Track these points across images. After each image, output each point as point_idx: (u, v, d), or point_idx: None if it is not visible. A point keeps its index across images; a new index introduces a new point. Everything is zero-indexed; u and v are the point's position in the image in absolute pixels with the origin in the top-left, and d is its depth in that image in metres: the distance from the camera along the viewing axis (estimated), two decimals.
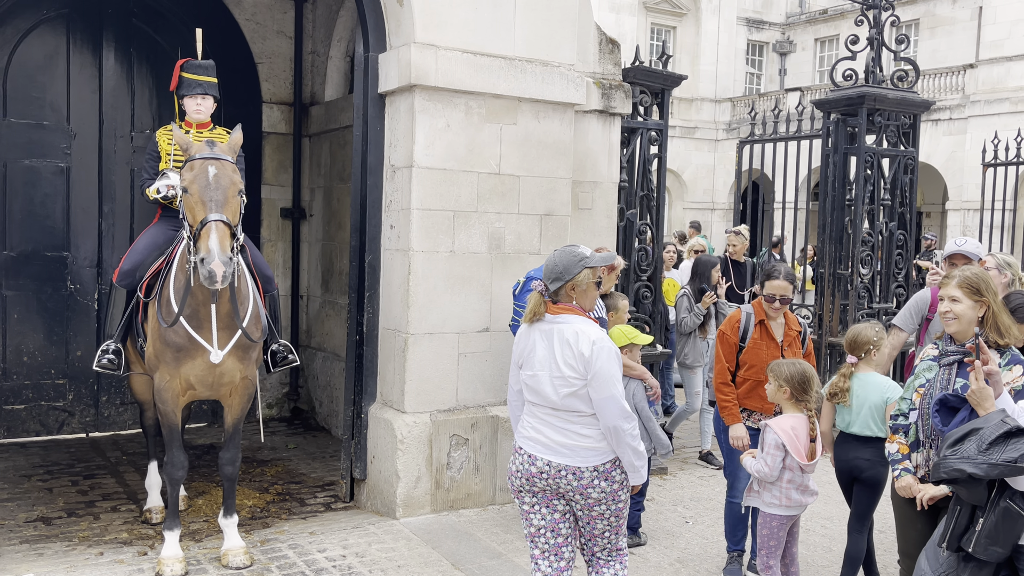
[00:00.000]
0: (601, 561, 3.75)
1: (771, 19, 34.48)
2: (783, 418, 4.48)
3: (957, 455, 3.10)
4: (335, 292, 8.18)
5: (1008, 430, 3.05)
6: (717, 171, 32.54)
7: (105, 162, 7.71)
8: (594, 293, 3.69)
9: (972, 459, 3.05)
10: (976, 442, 3.09)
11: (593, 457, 3.55)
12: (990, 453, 3.03)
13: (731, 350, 5.02)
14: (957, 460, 3.08)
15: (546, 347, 3.58)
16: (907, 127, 8.29)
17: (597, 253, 3.73)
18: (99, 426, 7.84)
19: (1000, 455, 3.01)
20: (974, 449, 3.07)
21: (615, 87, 6.67)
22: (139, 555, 5.08)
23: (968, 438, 3.15)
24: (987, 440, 3.06)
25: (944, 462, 3.13)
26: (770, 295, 4.95)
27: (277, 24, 8.43)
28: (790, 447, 4.35)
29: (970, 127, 24.11)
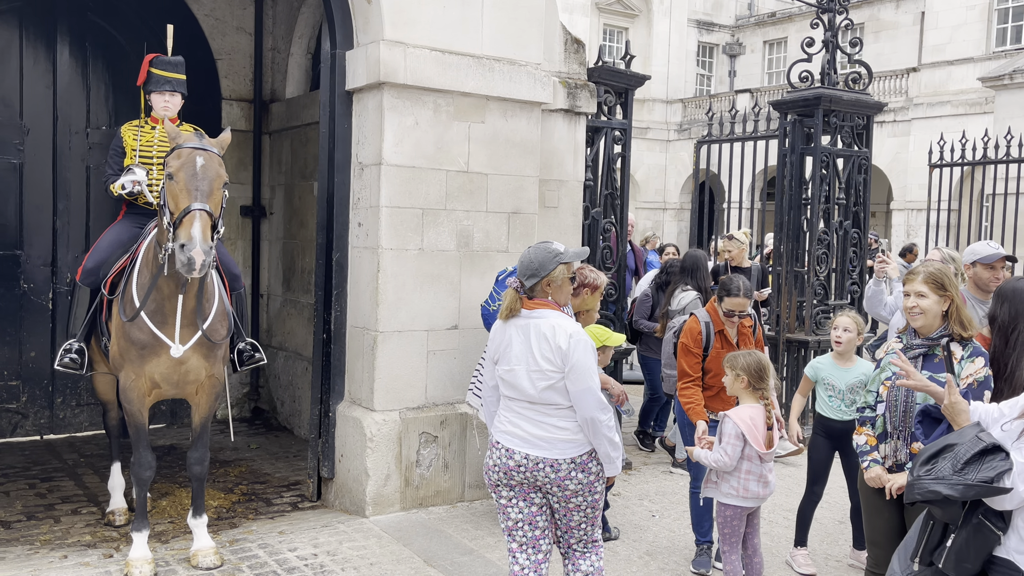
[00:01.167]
0: (577, 553, 3.80)
1: (721, 21, 35.00)
2: (741, 408, 4.58)
3: (932, 475, 2.99)
4: (297, 291, 8.12)
5: (983, 448, 2.95)
6: (669, 171, 32.93)
7: (60, 159, 7.55)
8: (569, 288, 3.75)
9: (947, 480, 2.94)
10: (951, 461, 2.98)
11: (570, 449, 3.60)
12: (965, 473, 2.92)
13: (695, 361, 5.07)
14: (932, 481, 2.97)
15: (522, 342, 3.63)
16: (861, 128, 8.50)
17: (571, 249, 3.78)
18: (54, 428, 7.67)
19: (976, 474, 2.90)
20: (949, 469, 2.96)
21: (580, 86, 6.73)
22: (105, 558, 5.00)
23: (942, 455, 3.04)
24: (962, 459, 2.95)
25: (919, 483, 3.02)
26: (729, 311, 5.03)
27: (237, 20, 8.33)
28: (749, 436, 4.45)
29: (913, 129, 24.77)
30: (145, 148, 5.24)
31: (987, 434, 3.01)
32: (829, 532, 5.87)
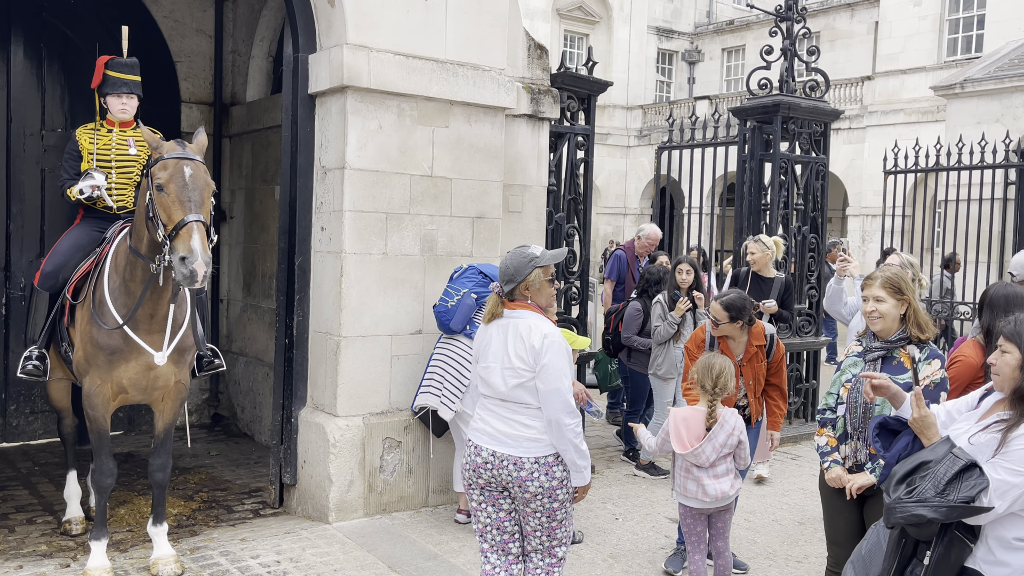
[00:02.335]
0: (532, 562, 3.80)
1: (680, 29, 35.37)
2: (682, 408, 4.71)
3: (913, 498, 2.92)
4: (258, 295, 8.04)
5: (962, 467, 2.90)
6: (629, 177, 33.16)
7: (13, 161, 7.40)
8: (549, 290, 3.80)
9: (930, 502, 2.87)
10: (932, 482, 2.91)
11: (535, 448, 3.62)
12: (947, 494, 2.86)
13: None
14: (915, 504, 2.90)
15: (500, 340, 3.70)
16: (818, 135, 8.65)
17: (548, 251, 3.83)
18: (7, 436, 7.50)
19: (957, 495, 2.85)
20: (931, 490, 2.89)
21: (544, 92, 6.76)
22: (62, 567, 4.90)
23: (919, 474, 2.98)
24: (943, 479, 2.89)
25: (901, 506, 2.94)
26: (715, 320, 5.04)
27: (196, 22, 8.24)
28: (672, 435, 4.56)
29: (868, 136, 25.23)
30: (103, 151, 5.16)
31: (959, 450, 2.98)
32: (789, 533, 5.95)
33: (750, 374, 5.10)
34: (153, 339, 4.64)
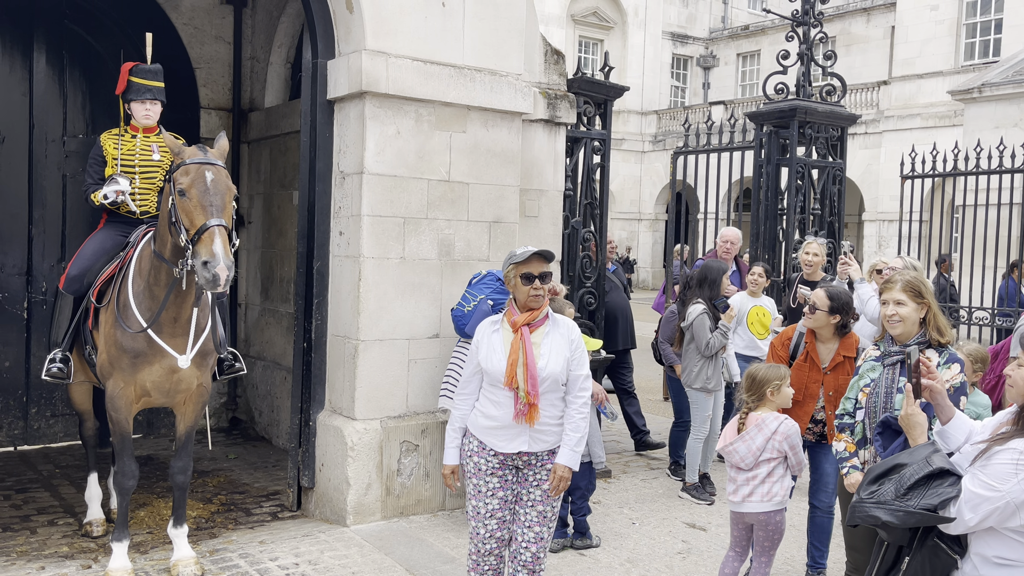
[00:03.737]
0: None
1: (695, 34, 35.37)
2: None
3: (873, 499, 2.86)
4: (276, 300, 8.09)
5: (931, 472, 2.82)
6: (644, 182, 33.17)
7: (36, 167, 7.48)
8: (524, 288, 3.86)
9: (887, 505, 2.81)
10: (895, 484, 2.84)
11: None
12: (908, 498, 2.79)
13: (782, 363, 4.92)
14: (873, 505, 2.85)
15: None
16: (835, 139, 8.64)
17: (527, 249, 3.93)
18: (28, 439, 7.57)
19: (919, 501, 2.77)
20: (891, 493, 2.83)
21: (560, 97, 6.79)
22: (83, 568, 4.95)
23: (889, 477, 2.91)
24: (907, 483, 2.81)
25: (860, 506, 2.89)
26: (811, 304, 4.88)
27: (216, 29, 8.32)
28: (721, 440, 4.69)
29: (884, 141, 25.15)
30: (127, 157, 5.22)
31: (939, 456, 2.90)
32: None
33: (832, 384, 4.80)
34: (176, 342, 4.69)
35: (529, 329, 3.86)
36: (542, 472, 3.90)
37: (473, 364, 3.96)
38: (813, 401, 4.85)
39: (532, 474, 3.91)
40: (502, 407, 3.84)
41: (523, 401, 3.78)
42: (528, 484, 3.92)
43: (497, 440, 3.88)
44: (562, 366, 3.85)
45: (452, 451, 4.02)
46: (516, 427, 3.84)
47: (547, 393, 3.83)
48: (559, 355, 3.85)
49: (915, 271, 5.86)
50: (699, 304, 6.63)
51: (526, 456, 3.89)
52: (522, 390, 3.77)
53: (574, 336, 3.95)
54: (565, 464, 3.88)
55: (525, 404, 3.78)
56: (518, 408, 3.80)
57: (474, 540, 3.99)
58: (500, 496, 3.93)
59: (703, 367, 6.58)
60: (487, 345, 3.90)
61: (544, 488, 3.89)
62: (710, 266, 6.77)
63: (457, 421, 4.02)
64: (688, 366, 6.66)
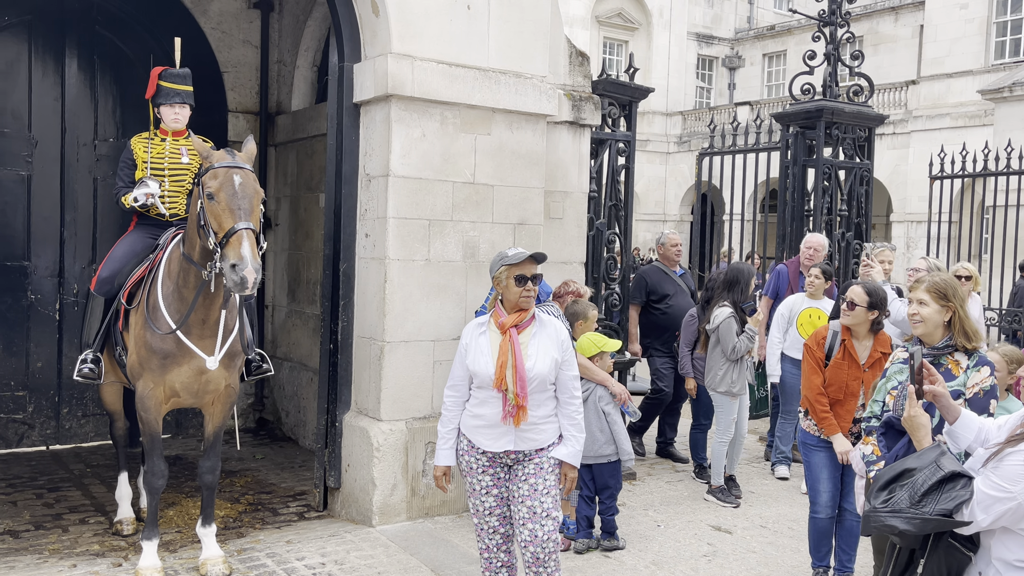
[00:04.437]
0: None
1: (720, 34, 35.19)
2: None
3: (888, 507, 2.84)
4: (302, 301, 8.16)
5: (942, 476, 2.81)
6: (669, 183, 33.04)
7: (67, 170, 7.60)
8: (515, 289, 3.89)
9: (903, 513, 2.79)
10: (909, 491, 2.82)
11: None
12: (923, 505, 2.77)
13: (818, 364, 4.92)
14: (888, 514, 2.82)
15: None
16: (862, 140, 8.57)
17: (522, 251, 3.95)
18: (60, 439, 7.69)
19: (934, 506, 2.76)
20: (906, 500, 2.80)
21: (585, 99, 6.79)
22: (114, 566, 5.02)
23: (900, 483, 2.89)
24: (920, 490, 2.80)
25: (875, 515, 2.86)
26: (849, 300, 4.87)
27: (243, 33, 8.40)
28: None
29: (913, 141, 24.87)
30: (156, 160, 5.30)
31: (948, 459, 2.88)
32: None
33: (872, 381, 4.72)
34: (205, 344, 4.75)
35: (517, 330, 3.89)
36: (529, 467, 3.92)
37: (462, 367, 3.99)
38: (854, 399, 4.85)
39: (520, 469, 3.94)
40: (490, 406, 3.89)
41: (512, 403, 3.81)
42: (517, 480, 3.94)
43: (484, 439, 3.93)
44: (550, 366, 3.88)
45: (443, 452, 4.07)
46: (502, 426, 3.88)
47: (535, 393, 3.87)
48: (547, 355, 3.88)
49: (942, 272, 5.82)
50: (725, 307, 6.58)
51: (513, 454, 3.93)
52: (511, 392, 3.80)
53: (563, 337, 3.98)
54: (570, 463, 3.95)
55: (514, 406, 3.82)
56: (507, 409, 3.83)
57: (480, 537, 4.08)
58: (495, 494, 3.98)
59: (728, 371, 6.53)
60: (475, 348, 3.94)
61: (532, 483, 3.90)
62: (739, 269, 6.74)
63: (447, 423, 4.06)
64: (713, 369, 6.62)
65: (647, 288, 7.67)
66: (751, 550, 5.69)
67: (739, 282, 6.62)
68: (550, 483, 3.92)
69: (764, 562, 5.50)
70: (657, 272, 7.78)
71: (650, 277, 7.72)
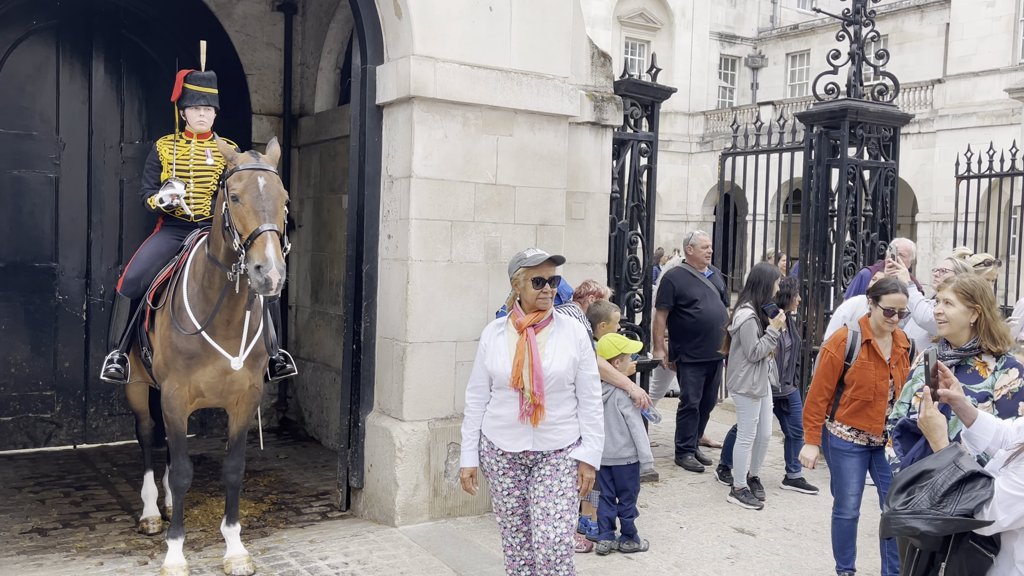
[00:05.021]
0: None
1: (743, 34, 35.01)
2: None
3: (908, 509, 2.82)
4: (325, 302, 8.20)
5: (962, 476, 2.79)
6: (691, 184, 32.91)
7: (94, 172, 7.69)
8: (533, 292, 3.91)
9: (924, 515, 2.78)
10: (929, 492, 2.81)
11: None
12: (944, 506, 2.76)
13: (835, 370, 4.92)
14: (909, 516, 2.80)
15: None
16: (887, 140, 8.49)
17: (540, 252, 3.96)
18: (87, 438, 7.78)
19: (955, 507, 2.75)
20: (927, 501, 2.79)
21: (607, 99, 6.78)
22: (140, 564, 5.07)
23: (919, 484, 2.87)
24: (940, 490, 2.78)
25: (895, 517, 2.84)
26: (888, 309, 4.84)
27: (267, 36, 8.46)
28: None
29: (938, 141, 24.63)
30: (182, 162, 5.35)
31: (966, 459, 2.85)
32: (859, 545, 5.83)
33: (899, 378, 4.84)
34: (230, 344, 4.79)
35: (534, 330, 3.91)
36: (546, 468, 3.93)
37: (481, 368, 4.03)
38: (884, 399, 4.84)
39: (538, 471, 3.95)
40: (508, 406, 3.91)
41: (528, 401, 3.83)
42: (534, 481, 3.95)
43: (503, 439, 3.95)
44: (567, 365, 3.89)
45: (467, 454, 4.09)
46: (520, 426, 3.89)
47: (552, 393, 3.88)
48: (564, 354, 3.89)
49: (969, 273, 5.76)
50: (747, 308, 6.55)
51: (532, 455, 3.94)
52: (527, 390, 3.82)
53: (581, 336, 3.99)
54: (588, 464, 3.96)
55: (531, 405, 3.84)
56: (523, 408, 3.85)
57: (504, 536, 4.12)
58: (516, 495, 4.01)
59: (749, 372, 6.51)
60: (493, 348, 3.97)
61: (547, 484, 3.90)
62: (760, 269, 6.70)
63: (470, 424, 4.08)
64: (735, 371, 6.58)
65: (675, 292, 7.52)
66: (774, 552, 5.66)
67: (760, 283, 6.59)
68: (566, 485, 3.92)
69: (788, 564, 5.46)
70: (684, 275, 7.63)
71: (677, 281, 7.58)
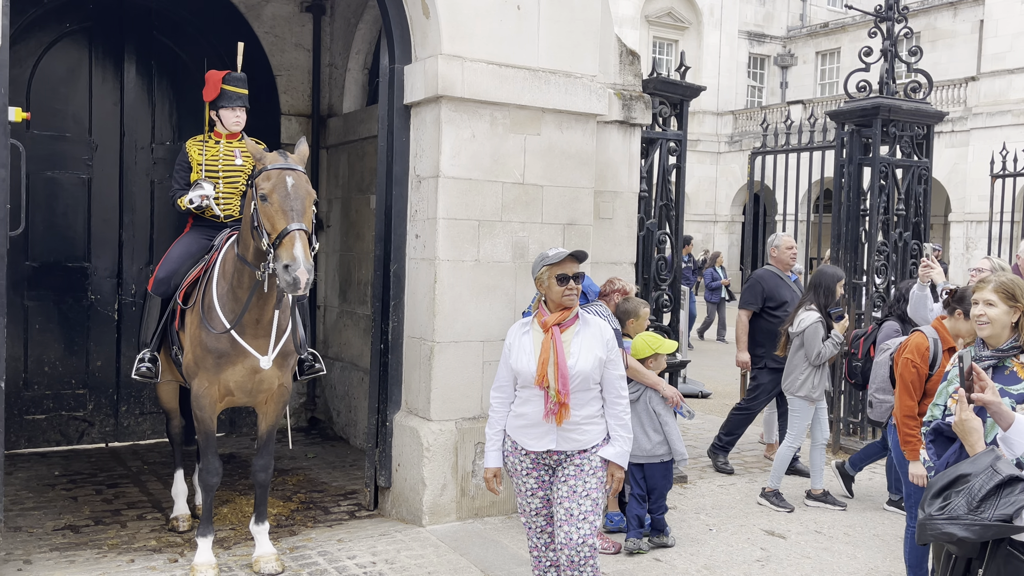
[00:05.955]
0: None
1: (772, 33, 34.74)
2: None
3: (945, 514, 2.78)
4: (353, 302, 8.23)
5: (1000, 481, 2.74)
6: (719, 183, 32.71)
7: (126, 173, 7.77)
8: (558, 289, 3.89)
9: (961, 520, 2.73)
10: (966, 497, 2.76)
11: None
12: (982, 511, 2.71)
13: (920, 380, 4.77)
14: (945, 522, 2.76)
15: None
16: (921, 138, 8.37)
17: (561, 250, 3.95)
18: (118, 436, 7.86)
19: (993, 512, 2.70)
20: (964, 507, 2.75)
21: (635, 98, 6.74)
22: (170, 562, 5.11)
23: (955, 489, 2.82)
24: (978, 495, 2.74)
25: (931, 523, 2.79)
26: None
27: (295, 37, 8.51)
28: None
29: (972, 139, 24.29)
30: (211, 162, 5.39)
31: (1004, 463, 2.79)
32: (892, 548, 5.76)
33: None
34: (259, 343, 4.81)
35: (560, 329, 3.89)
36: (570, 468, 3.91)
37: (506, 367, 4.02)
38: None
39: (561, 471, 3.93)
40: (532, 405, 3.89)
41: (553, 400, 3.82)
42: (558, 481, 3.93)
43: (527, 438, 3.93)
44: (593, 364, 3.86)
45: (492, 454, 4.07)
46: (545, 425, 3.87)
47: (578, 392, 3.86)
48: (590, 353, 3.87)
49: (1006, 272, 5.65)
50: (813, 311, 6.39)
51: (556, 455, 3.92)
52: (552, 389, 3.81)
53: (608, 336, 3.97)
54: (617, 463, 3.94)
55: (555, 403, 3.82)
56: (548, 407, 3.83)
57: (529, 536, 4.12)
58: (540, 496, 4.00)
59: (810, 376, 6.38)
60: (517, 347, 3.96)
61: (571, 484, 3.88)
62: (824, 272, 6.54)
63: (494, 424, 4.07)
64: (794, 373, 6.44)
65: (764, 294, 7.34)
66: (805, 556, 5.59)
67: (822, 285, 6.43)
68: (590, 486, 3.89)
69: (819, 568, 5.39)
70: (773, 277, 7.44)
71: (766, 282, 7.39)
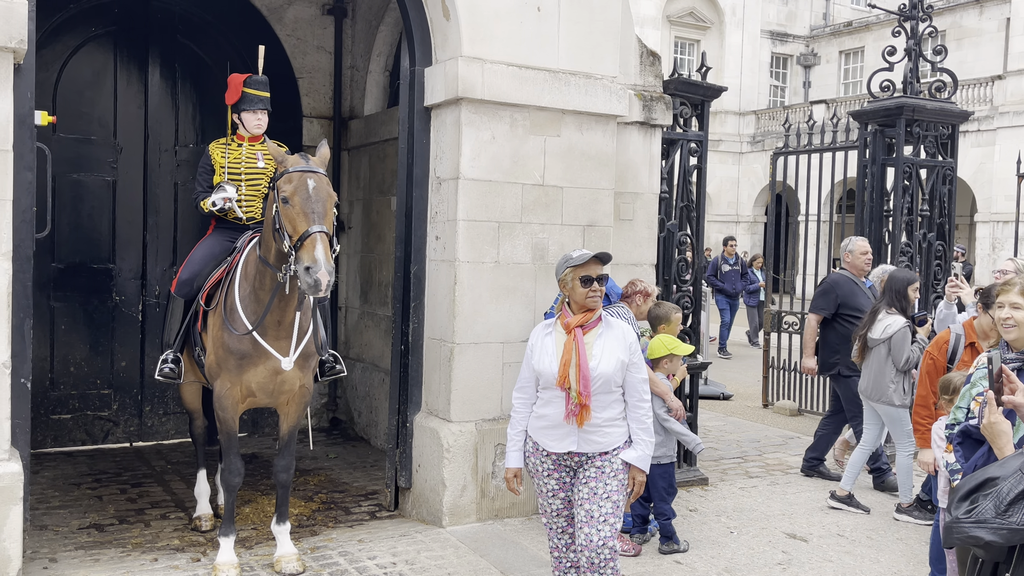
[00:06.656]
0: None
1: (795, 32, 34.51)
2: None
3: (972, 518, 2.75)
4: (374, 303, 8.26)
5: None
6: (742, 184, 32.53)
7: (150, 176, 7.85)
8: (582, 291, 3.90)
9: (989, 523, 2.70)
10: (994, 501, 2.73)
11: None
12: (1010, 515, 2.68)
13: (938, 372, 4.85)
14: (972, 525, 2.73)
15: None
16: (945, 137, 8.29)
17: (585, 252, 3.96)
18: (143, 436, 7.94)
19: (1021, 516, 2.67)
20: (991, 510, 2.72)
21: (656, 99, 6.72)
22: (193, 561, 5.16)
23: (983, 492, 2.80)
24: (1006, 499, 2.70)
25: (958, 526, 2.77)
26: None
27: (317, 39, 8.56)
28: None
29: (999, 139, 24.01)
30: (233, 165, 5.43)
31: None
32: (915, 553, 5.70)
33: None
34: (280, 345, 4.84)
35: (583, 331, 3.90)
36: (591, 470, 3.91)
37: (528, 369, 4.03)
38: None
39: (582, 473, 3.93)
40: (554, 406, 3.90)
41: (575, 401, 3.82)
42: (578, 483, 3.93)
43: (548, 440, 3.94)
44: (615, 367, 3.86)
45: (513, 454, 4.10)
46: (566, 427, 3.88)
47: (599, 394, 3.86)
48: (612, 356, 3.88)
49: None
50: (898, 316, 6.27)
51: (577, 457, 3.92)
52: (574, 390, 3.81)
53: (631, 339, 3.97)
54: (638, 467, 3.94)
55: (576, 405, 3.82)
56: (569, 408, 3.84)
57: (550, 537, 4.13)
58: (562, 497, 4.01)
59: (900, 382, 6.28)
60: (540, 348, 3.97)
61: (592, 486, 3.88)
62: (895, 276, 6.44)
63: (515, 425, 4.08)
64: (881, 381, 6.30)
65: (839, 299, 7.19)
66: (827, 559, 5.55)
67: (893, 289, 6.35)
68: (611, 488, 3.89)
69: (841, 572, 5.35)
70: (847, 282, 7.27)
71: (841, 287, 7.23)
